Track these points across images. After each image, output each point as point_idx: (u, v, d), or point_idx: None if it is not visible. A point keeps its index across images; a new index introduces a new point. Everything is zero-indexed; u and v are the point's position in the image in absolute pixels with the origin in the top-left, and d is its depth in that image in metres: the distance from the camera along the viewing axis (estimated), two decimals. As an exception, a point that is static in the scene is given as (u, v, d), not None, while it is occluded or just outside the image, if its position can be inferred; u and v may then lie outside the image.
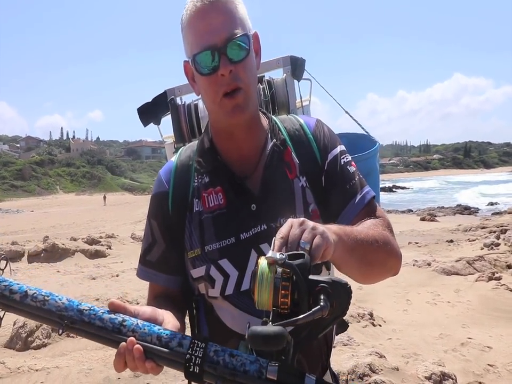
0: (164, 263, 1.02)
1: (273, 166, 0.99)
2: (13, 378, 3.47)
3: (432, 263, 7.00)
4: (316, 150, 1.02)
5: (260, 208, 0.96)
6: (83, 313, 0.72)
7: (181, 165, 1.04)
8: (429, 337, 4.23)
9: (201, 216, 0.98)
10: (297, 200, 0.98)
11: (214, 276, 0.96)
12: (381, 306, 5.21)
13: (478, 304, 5.19)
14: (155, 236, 1.03)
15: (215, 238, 0.96)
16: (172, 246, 1.01)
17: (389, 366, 3.28)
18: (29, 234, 14.95)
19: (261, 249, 0.94)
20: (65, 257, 9.43)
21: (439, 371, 3.20)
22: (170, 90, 1.58)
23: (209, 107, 0.98)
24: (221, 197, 0.98)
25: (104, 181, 70.15)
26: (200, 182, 1.00)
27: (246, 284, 0.94)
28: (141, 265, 1.06)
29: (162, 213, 1.02)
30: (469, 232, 11.20)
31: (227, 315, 0.97)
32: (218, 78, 0.90)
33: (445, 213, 20.51)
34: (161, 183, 1.04)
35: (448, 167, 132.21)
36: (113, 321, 0.72)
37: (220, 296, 0.96)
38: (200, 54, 0.90)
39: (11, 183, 59.42)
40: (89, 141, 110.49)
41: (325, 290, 0.64)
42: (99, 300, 5.26)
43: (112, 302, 0.74)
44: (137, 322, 0.73)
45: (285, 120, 1.08)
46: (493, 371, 3.47)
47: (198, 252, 0.97)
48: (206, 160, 1.02)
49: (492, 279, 5.90)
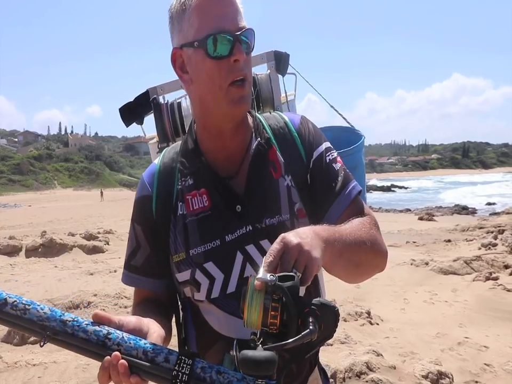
0: (149, 268, 1.01)
1: (258, 166, 0.97)
2: (10, 373, 3.47)
3: (429, 263, 7.02)
4: (300, 147, 1.01)
5: (245, 209, 0.95)
6: (66, 324, 0.69)
7: (164, 167, 1.02)
8: (426, 336, 4.24)
9: (185, 219, 0.97)
10: (283, 200, 0.97)
11: (200, 280, 0.94)
12: (378, 305, 5.23)
13: (475, 303, 5.21)
14: (139, 240, 1.01)
15: (199, 241, 0.95)
16: (156, 251, 1.00)
17: (386, 365, 3.30)
18: (27, 229, 14.91)
19: (246, 251, 0.93)
20: (62, 252, 9.40)
21: (436, 370, 3.22)
22: (153, 89, 1.55)
23: (210, 95, 0.92)
24: (205, 199, 0.96)
25: (102, 176, 70.03)
26: (184, 185, 0.98)
27: (232, 287, 0.93)
28: (126, 271, 1.04)
29: (146, 217, 1.00)
30: (466, 232, 11.23)
31: (213, 318, 0.96)
32: (230, 63, 0.88)
33: (443, 213, 20.56)
34: (145, 187, 1.01)
35: (446, 167, 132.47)
36: (97, 334, 0.69)
37: (205, 300, 0.95)
38: (215, 36, 0.86)
39: (9, 177, 59.25)
40: (87, 136, 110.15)
41: (314, 313, 0.65)
42: (97, 296, 5.26)
43: (96, 314, 0.72)
44: (123, 335, 0.70)
45: (269, 118, 1.06)
46: (489, 370, 3.49)
47: (182, 255, 0.96)
48: (189, 161, 0.99)
49: (489, 279, 5.92)
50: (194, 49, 0.89)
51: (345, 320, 4.45)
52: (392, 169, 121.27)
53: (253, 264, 0.93)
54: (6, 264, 8.20)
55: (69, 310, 4.54)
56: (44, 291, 6.15)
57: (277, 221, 0.94)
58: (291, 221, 0.95)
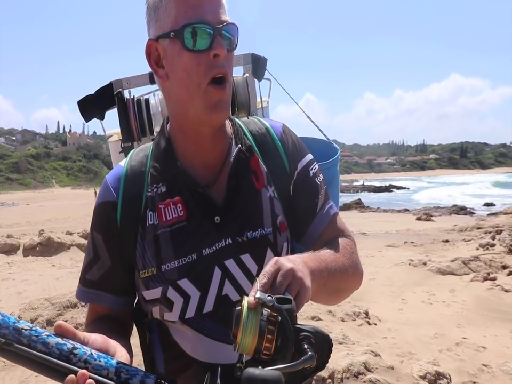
0: (108, 282, 0.90)
1: (239, 175, 0.90)
2: (7, 372, 3.46)
3: (427, 263, 7.02)
4: (284, 157, 0.94)
5: (225, 221, 0.86)
6: (21, 333, 0.58)
7: (131, 172, 0.90)
8: (424, 336, 4.24)
9: (157, 230, 0.86)
10: (265, 212, 0.90)
11: (172, 298, 0.84)
12: (376, 305, 5.22)
13: (473, 304, 5.22)
14: (98, 251, 0.90)
15: (173, 255, 0.85)
16: (118, 264, 0.89)
17: (384, 365, 3.29)
18: (24, 227, 14.87)
19: (225, 266, 0.85)
20: (60, 251, 9.39)
21: (434, 370, 3.22)
22: (117, 82, 1.41)
23: (187, 94, 0.83)
24: (180, 209, 0.86)
25: (100, 175, 69.83)
26: (156, 192, 0.88)
27: (209, 306, 0.85)
28: (81, 286, 0.92)
29: (109, 225, 0.88)
30: (464, 232, 11.24)
31: (186, 340, 0.87)
32: (209, 58, 0.80)
33: (441, 213, 20.58)
34: (109, 191, 0.90)
35: (444, 167, 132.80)
36: (60, 348, 0.59)
37: (178, 320, 0.86)
38: (193, 25, 0.78)
39: (7, 175, 59.10)
40: (85, 135, 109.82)
41: (308, 340, 0.61)
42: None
43: (59, 325, 0.62)
44: (91, 352, 0.61)
45: (249, 123, 0.99)
46: (487, 371, 3.49)
47: (152, 271, 0.85)
48: (162, 166, 0.89)
49: (487, 280, 5.92)
50: (171, 40, 0.81)
51: (343, 320, 4.44)
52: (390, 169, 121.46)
53: (232, 281, 0.85)
54: (3, 263, 8.17)
55: (67, 309, 4.52)
56: (42, 290, 6.13)
57: (259, 234, 0.87)
58: (274, 234, 0.89)
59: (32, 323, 3.42)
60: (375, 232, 11.64)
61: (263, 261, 0.87)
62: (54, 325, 4.77)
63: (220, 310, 0.85)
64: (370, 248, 8.75)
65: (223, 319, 0.84)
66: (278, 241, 0.90)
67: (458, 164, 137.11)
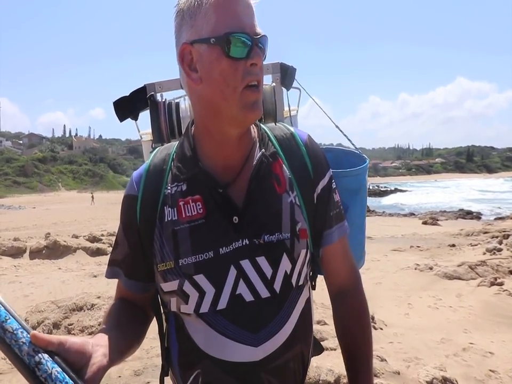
0: (125, 265, 0.98)
1: (260, 178, 0.91)
2: (14, 374, 3.48)
3: (434, 267, 6.98)
4: (309, 165, 0.96)
5: (243, 221, 0.88)
6: (5, 333, 0.64)
7: (153, 169, 0.95)
8: (431, 341, 4.21)
9: (176, 226, 0.89)
10: (284, 217, 0.90)
11: (188, 291, 0.87)
12: (382, 310, 5.19)
13: (480, 309, 5.17)
14: (119, 239, 0.98)
15: (190, 251, 0.87)
16: (135, 253, 0.95)
17: (390, 370, 3.27)
18: (31, 230, 14.97)
19: (240, 266, 0.87)
20: (66, 254, 9.43)
21: (441, 376, 3.19)
22: (150, 85, 1.47)
23: (222, 96, 0.85)
24: (200, 206, 0.89)
25: (106, 179, 70.29)
26: (176, 190, 0.91)
27: (222, 303, 0.86)
28: (108, 266, 1.02)
29: (129, 217, 0.94)
30: (471, 236, 11.17)
31: (199, 335, 0.89)
32: (246, 66, 0.84)
33: (447, 217, 20.48)
34: (132, 186, 0.95)
35: (450, 171, 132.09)
36: (30, 358, 0.63)
37: (193, 313, 0.88)
38: (235, 35, 0.82)
39: (13, 179, 59.58)
40: (91, 139, 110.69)
41: None
42: (100, 298, 5.25)
43: (33, 335, 0.65)
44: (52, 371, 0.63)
45: (274, 129, 1.01)
46: (494, 377, 3.45)
47: (170, 264, 0.88)
48: (185, 165, 0.92)
49: (494, 284, 5.87)
50: (209, 46, 0.83)
51: (349, 324, 4.42)
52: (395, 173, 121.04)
53: (246, 281, 0.87)
54: (10, 266, 8.23)
55: (73, 312, 4.54)
56: (48, 293, 6.16)
57: (276, 239, 0.88)
58: (291, 240, 0.90)
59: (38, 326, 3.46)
60: (381, 237, 11.59)
61: (278, 265, 0.88)
62: (60, 328, 4.79)
63: (233, 309, 0.86)
64: (376, 252, 8.71)
65: (235, 317, 0.86)
66: (295, 248, 0.90)
67: (464, 168, 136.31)
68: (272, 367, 0.88)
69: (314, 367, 2.94)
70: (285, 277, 0.89)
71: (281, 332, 0.88)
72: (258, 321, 0.87)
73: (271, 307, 0.88)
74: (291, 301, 0.91)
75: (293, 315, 0.91)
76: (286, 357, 0.90)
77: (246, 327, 0.86)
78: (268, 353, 0.87)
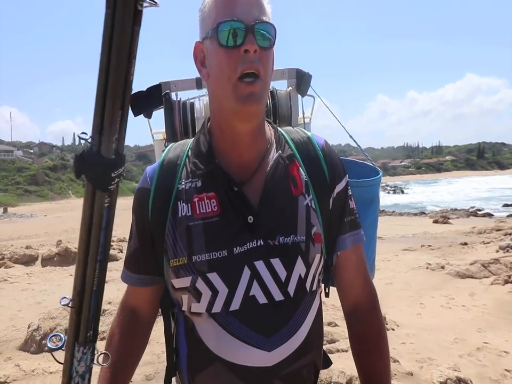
0: (132, 261, 0.98)
1: (277, 178, 0.90)
2: (27, 380, 3.51)
3: (445, 266, 6.90)
4: (326, 170, 0.94)
5: (258, 221, 0.86)
6: None
7: (167, 163, 0.95)
8: (444, 341, 4.16)
9: (190, 222, 0.88)
10: (300, 219, 0.89)
11: (201, 289, 0.86)
12: (394, 310, 5.14)
13: (494, 308, 5.10)
14: (132, 232, 0.98)
15: (204, 248, 0.86)
16: (145, 245, 0.94)
17: (403, 371, 3.24)
18: (43, 238, 15.12)
19: (254, 267, 0.85)
20: (78, 261, 9.50)
21: (455, 376, 3.14)
22: (165, 83, 1.46)
23: (220, 88, 0.86)
24: (215, 204, 0.88)
25: (116, 185, 70.54)
26: (191, 186, 0.90)
27: (235, 304, 0.85)
28: (124, 266, 1.01)
29: (141, 210, 0.94)
30: (483, 234, 11.02)
31: (210, 336, 0.87)
32: (240, 54, 0.82)
33: (459, 215, 20.21)
34: (145, 179, 0.95)
35: (461, 168, 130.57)
36: None
37: (205, 313, 0.86)
38: (226, 22, 0.82)
39: (25, 188, 60.31)
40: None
41: None
42: (111, 303, 5.29)
43: None
44: None
45: (291, 132, 1.00)
46: (510, 376, 3.40)
47: (183, 260, 0.87)
48: (201, 162, 0.91)
49: (508, 283, 5.79)
50: (210, 39, 0.86)
51: (360, 325, 4.38)
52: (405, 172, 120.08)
53: (260, 283, 0.85)
54: (23, 274, 8.32)
55: (84, 318, 4.58)
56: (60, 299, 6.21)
57: (291, 241, 0.87)
58: (306, 243, 0.88)
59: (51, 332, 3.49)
60: (391, 236, 11.48)
61: (293, 268, 0.87)
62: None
63: (246, 310, 0.85)
64: (387, 252, 8.64)
65: (248, 319, 0.84)
66: (310, 252, 0.89)
67: (475, 165, 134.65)
68: (285, 374, 0.86)
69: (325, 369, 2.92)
70: (299, 280, 0.88)
71: (295, 337, 0.86)
72: (271, 325, 0.85)
73: (284, 310, 0.86)
74: (305, 305, 0.89)
75: (307, 320, 0.89)
76: (299, 364, 0.88)
77: (259, 330, 0.84)
78: (281, 358, 0.85)
